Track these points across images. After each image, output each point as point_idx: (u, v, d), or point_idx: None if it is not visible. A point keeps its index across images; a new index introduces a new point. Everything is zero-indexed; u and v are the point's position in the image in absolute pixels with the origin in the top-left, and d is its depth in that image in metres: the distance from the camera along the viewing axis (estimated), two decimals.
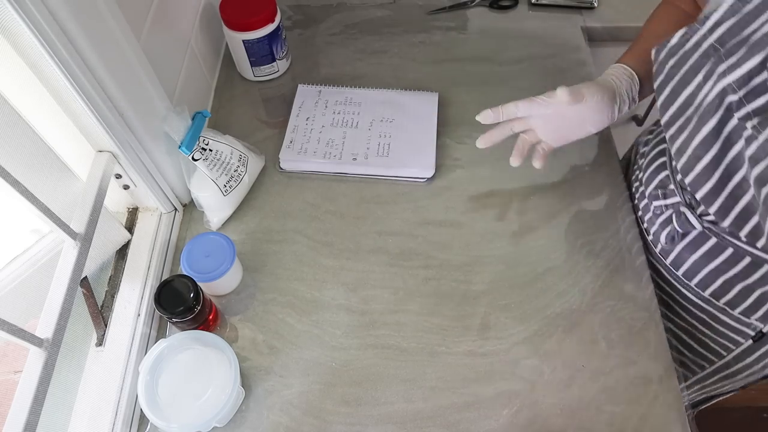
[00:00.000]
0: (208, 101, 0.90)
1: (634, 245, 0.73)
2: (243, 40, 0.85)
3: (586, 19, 0.99)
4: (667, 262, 0.69)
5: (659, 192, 0.68)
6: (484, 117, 0.68)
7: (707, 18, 0.53)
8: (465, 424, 0.61)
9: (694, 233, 0.65)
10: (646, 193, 0.71)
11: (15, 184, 0.50)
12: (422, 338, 0.67)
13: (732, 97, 0.50)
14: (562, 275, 0.71)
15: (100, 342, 0.66)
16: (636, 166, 0.77)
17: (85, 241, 0.60)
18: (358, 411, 0.63)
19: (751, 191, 0.52)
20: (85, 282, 0.69)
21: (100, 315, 0.68)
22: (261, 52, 0.87)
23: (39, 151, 0.59)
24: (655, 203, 0.69)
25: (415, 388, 0.64)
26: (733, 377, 0.74)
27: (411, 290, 0.70)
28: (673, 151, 0.59)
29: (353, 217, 0.77)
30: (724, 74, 0.51)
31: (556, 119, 0.67)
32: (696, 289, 0.68)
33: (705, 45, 0.53)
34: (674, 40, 0.57)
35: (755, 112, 0.49)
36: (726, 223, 0.57)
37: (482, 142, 0.70)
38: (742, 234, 0.56)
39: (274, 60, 0.90)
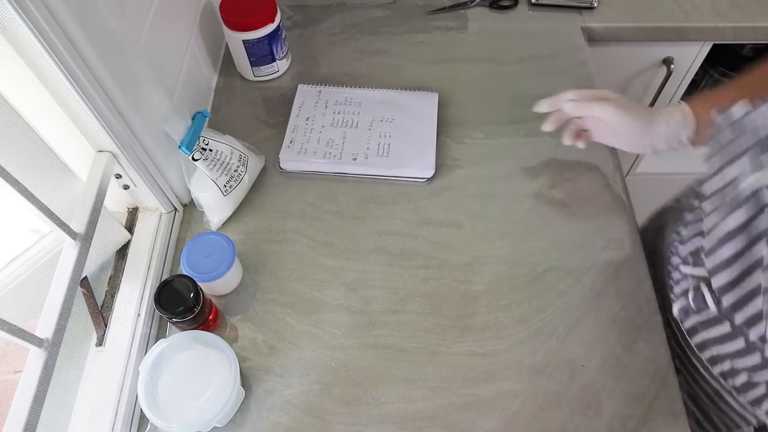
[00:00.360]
0: (208, 101, 0.90)
1: (633, 246, 0.73)
2: (243, 40, 0.85)
3: (586, 19, 0.99)
4: (684, 327, 0.65)
5: (690, 258, 0.62)
6: (540, 106, 0.74)
7: None
8: (465, 424, 0.61)
9: (708, 314, 0.60)
10: (680, 253, 0.66)
11: (15, 184, 0.50)
12: (422, 338, 0.67)
13: (766, 195, 0.46)
14: (562, 275, 0.71)
15: (100, 342, 0.66)
16: (683, 215, 0.69)
17: (85, 241, 0.60)
18: (358, 411, 0.63)
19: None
20: (85, 282, 0.69)
21: (100, 315, 0.68)
22: (261, 52, 0.87)
23: (39, 151, 0.59)
24: (683, 268, 0.63)
25: (415, 388, 0.64)
26: None
27: (411, 290, 0.71)
28: (704, 227, 0.55)
29: (353, 217, 0.77)
30: (767, 167, 0.46)
31: (595, 119, 0.69)
32: (706, 363, 0.63)
33: (762, 128, 0.48)
34: (735, 111, 0.52)
35: None
36: (737, 320, 0.53)
37: (548, 126, 0.74)
38: (752, 335, 0.52)
39: (274, 60, 0.90)
